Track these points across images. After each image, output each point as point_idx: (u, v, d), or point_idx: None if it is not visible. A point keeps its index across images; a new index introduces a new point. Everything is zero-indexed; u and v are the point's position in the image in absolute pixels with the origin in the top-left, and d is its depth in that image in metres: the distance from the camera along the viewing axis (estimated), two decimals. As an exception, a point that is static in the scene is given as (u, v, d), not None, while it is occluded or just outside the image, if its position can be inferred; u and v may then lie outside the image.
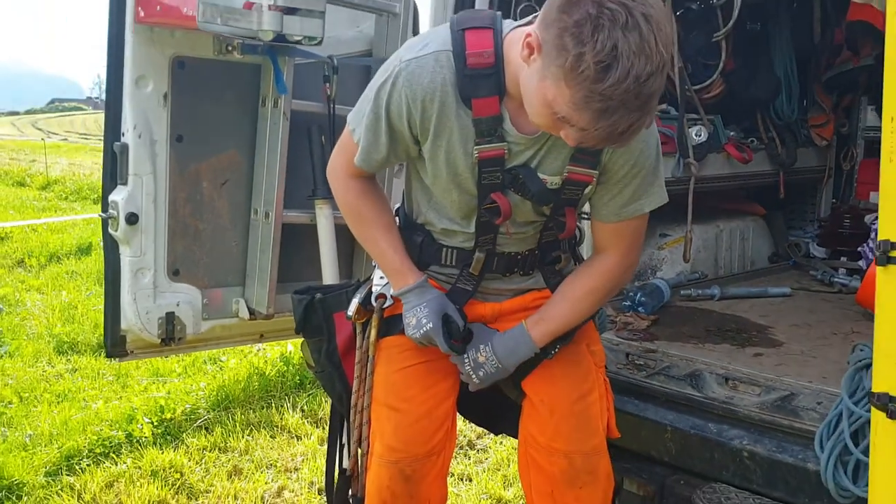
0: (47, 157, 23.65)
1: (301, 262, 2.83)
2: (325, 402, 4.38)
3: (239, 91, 2.67)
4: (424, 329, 1.89)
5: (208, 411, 4.18)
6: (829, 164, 4.35)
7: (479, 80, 1.72)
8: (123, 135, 2.47)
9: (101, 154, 2.55)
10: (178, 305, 2.64)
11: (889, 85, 1.31)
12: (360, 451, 2.09)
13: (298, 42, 2.35)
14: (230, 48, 2.54)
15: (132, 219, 2.48)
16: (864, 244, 3.85)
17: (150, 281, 2.57)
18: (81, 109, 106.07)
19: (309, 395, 4.44)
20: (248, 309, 2.77)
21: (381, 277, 2.05)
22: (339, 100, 2.71)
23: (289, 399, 4.38)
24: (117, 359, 2.71)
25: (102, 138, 2.55)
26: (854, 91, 4.25)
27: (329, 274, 2.75)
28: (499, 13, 1.83)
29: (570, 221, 1.92)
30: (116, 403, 4.29)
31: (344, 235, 2.80)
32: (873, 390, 1.19)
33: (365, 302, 2.06)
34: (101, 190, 2.57)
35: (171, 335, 2.63)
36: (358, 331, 2.08)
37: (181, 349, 2.83)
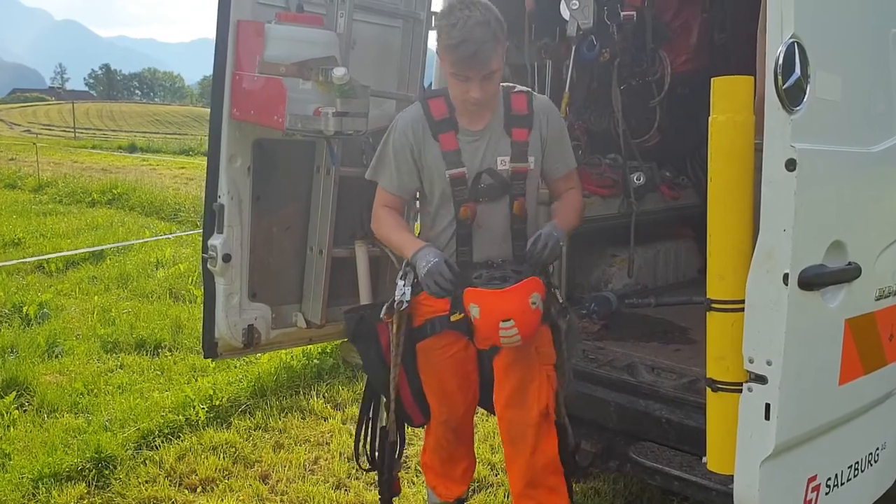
0: (23, 156, 24.07)
1: (343, 284, 3.79)
2: (342, 388, 5.36)
3: (299, 161, 3.62)
4: (431, 264, 2.72)
5: (248, 399, 5.13)
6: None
7: (441, 123, 2.88)
8: (220, 197, 3.40)
9: (78, 151, 3.42)
10: (255, 319, 3.57)
11: (713, 147, 2.24)
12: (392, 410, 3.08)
13: (350, 134, 3.31)
14: (294, 132, 3.49)
15: (227, 258, 3.41)
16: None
17: (237, 302, 3.50)
18: (44, 100, 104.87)
19: (327, 384, 5.41)
20: (305, 320, 3.73)
21: (402, 293, 2.96)
22: (371, 165, 3.67)
23: (312, 387, 5.35)
24: (212, 358, 3.64)
25: (204, 200, 3.47)
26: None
27: (364, 294, 3.71)
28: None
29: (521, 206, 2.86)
30: (168, 393, 5.22)
31: (374, 266, 3.80)
32: (706, 375, 2.20)
33: (390, 307, 3.01)
34: (95, 194, 3.35)
35: (250, 341, 3.56)
36: (390, 328, 3.04)
37: (256, 351, 3.78)
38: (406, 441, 3.35)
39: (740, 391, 2.08)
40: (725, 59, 4.95)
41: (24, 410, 4.99)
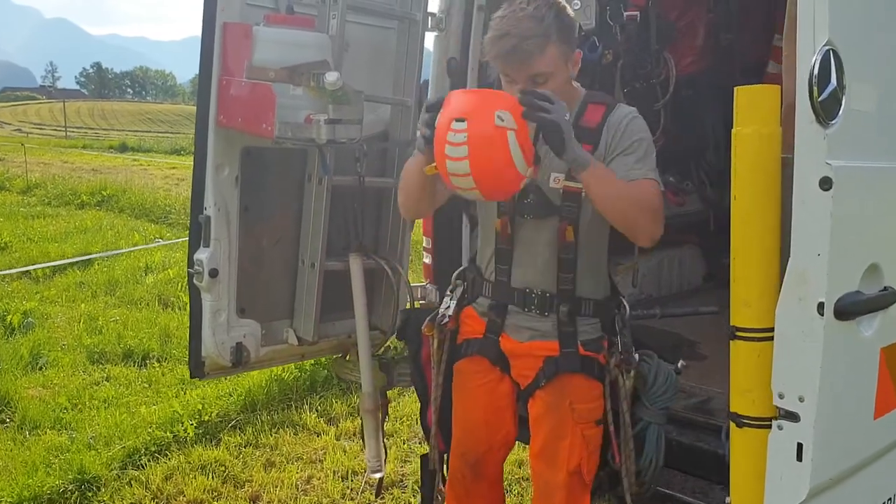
0: (11, 156, 23.82)
1: (336, 298, 3.61)
2: (336, 402, 5.19)
3: (290, 170, 3.44)
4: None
5: (238, 413, 4.95)
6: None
7: None
8: (206, 209, 3.22)
9: (69, 150, 3.26)
10: (244, 337, 3.39)
11: (737, 162, 1.96)
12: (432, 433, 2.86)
13: (343, 143, 3.13)
14: (284, 141, 3.31)
15: (214, 273, 3.23)
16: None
17: (225, 319, 3.32)
18: (35, 99, 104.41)
19: (321, 397, 5.24)
20: (297, 337, 3.55)
21: (447, 307, 2.77)
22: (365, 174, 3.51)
23: (304, 401, 5.17)
24: (198, 378, 3.46)
25: (189, 210, 3.30)
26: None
27: (360, 309, 3.54)
28: None
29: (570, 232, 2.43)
30: (156, 407, 5.04)
31: (370, 279, 3.63)
32: (730, 409, 2.03)
33: (432, 319, 2.79)
34: (84, 195, 3.21)
35: (239, 360, 3.38)
36: (431, 342, 2.80)
37: (246, 370, 3.60)
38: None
39: (768, 427, 1.91)
40: (730, 60, 4.81)
41: (6, 427, 4.81)
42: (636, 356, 2.50)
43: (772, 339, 1.89)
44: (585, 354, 2.52)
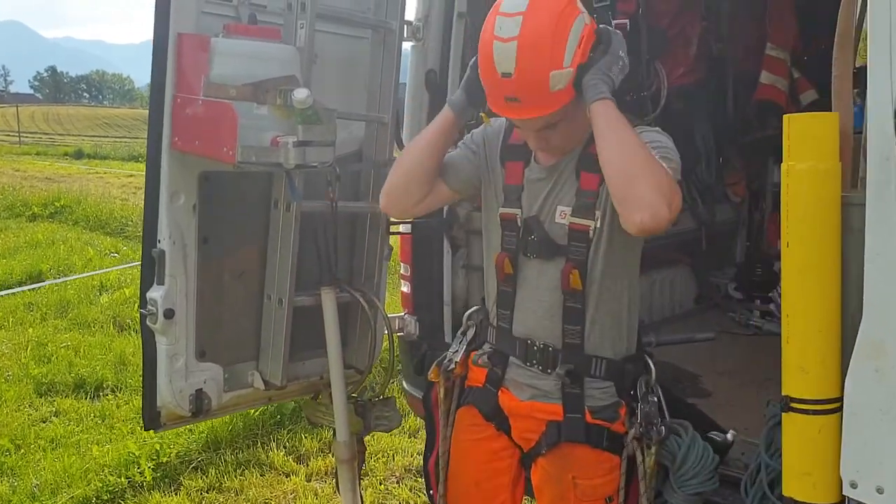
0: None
1: (307, 337, 3.27)
2: (305, 437, 4.83)
3: (254, 195, 3.09)
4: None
5: (200, 453, 4.57)
6: (743, 216, 5.01)
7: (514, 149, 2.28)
8: (160, 242, 2.86)
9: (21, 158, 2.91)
10: (204, 382, 3.04)
11: (790, 203, 1.70)
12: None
13: (314, 167, 2.79)
14: (248, 167, 2.96)
15: (169, 314, 2.88)
16: (774, 290, 4.50)
17: (183, 364, 2.97)
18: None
19: (289, 432, 4.87)
20: (263, 380, 3.20)
21: (455, 351, 2.47)
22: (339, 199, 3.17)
23: (272, 436, 4.80)
24: (154, 430, 3.10)
25: (142, 243, 2.94)
26: (763, 155, 4.92)
27: (333, 349, 3.20)
28: None
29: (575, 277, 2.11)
30: (110, 447, 4.63)
31: (344, 315, 3.30)
32: (783, 493, 1.73)
33: (439, 363, 2.49)
34: (35, 207, 2.88)
35: (199, 408, 3.03)
36: (438, 388, 2.49)
37: (207, 418, 3.24)
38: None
39: (831, 517, 1.62)
40: (722, 70, 4.55)
41: (-59, 474, 4.38)
42: (662, 428, 2.16)
43: (836, 411, 1.60)
44: (593, 423, 2.19)
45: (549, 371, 2.20)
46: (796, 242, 1.65)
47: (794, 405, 1.65)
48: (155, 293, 2.89)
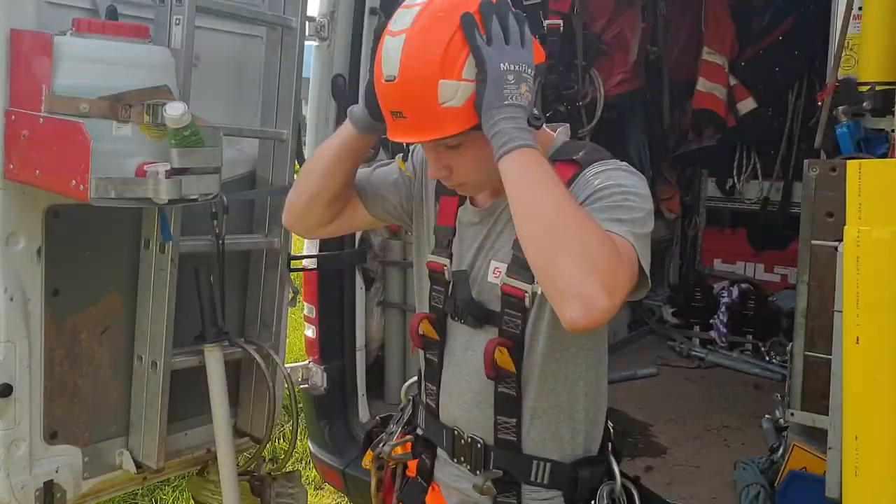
0: None
1: (189, 404, 2.68)
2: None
3: (117, 234, 2.49)
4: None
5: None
6: (677, 233, 4.68)
7: None
8: (-8, 298, 2.23)
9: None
10: (56, 472, 2.44)
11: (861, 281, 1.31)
12: None
13: (194, 200, 2.21)
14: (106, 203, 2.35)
15: (6, 391, 2.27)
16: (715, 316, 4.16)
17: (26, 451, 2.36)
18: None
19: (175, 490, 4.22)
20: (135, 461, 2.59)
21: (391, 432, 1.97)
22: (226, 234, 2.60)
23: (152, 497, 4.14)
24: (-11, 537, 2.45)
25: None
26: (696, 165, 4.60)
27: (220, 417, 2.64)
28: None
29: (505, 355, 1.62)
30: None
31: (234, 375, 2.73)
32: None
33: (373, 448, 1.99)
34: None
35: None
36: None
37: (62, 513, 2.60)
38: None
39: None
40: (658, 77, 4.17)
41: None
42: None
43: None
44: None
45: (477, 472, 1.70)
46: (870, 339, 1.19)
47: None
48: (-14, 365, 2.25)
